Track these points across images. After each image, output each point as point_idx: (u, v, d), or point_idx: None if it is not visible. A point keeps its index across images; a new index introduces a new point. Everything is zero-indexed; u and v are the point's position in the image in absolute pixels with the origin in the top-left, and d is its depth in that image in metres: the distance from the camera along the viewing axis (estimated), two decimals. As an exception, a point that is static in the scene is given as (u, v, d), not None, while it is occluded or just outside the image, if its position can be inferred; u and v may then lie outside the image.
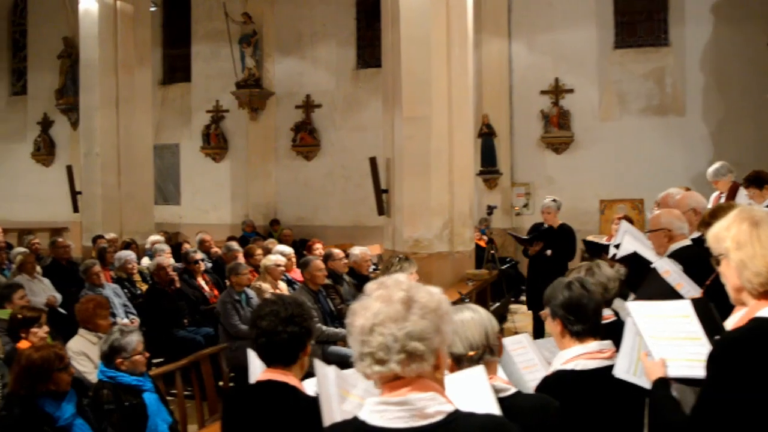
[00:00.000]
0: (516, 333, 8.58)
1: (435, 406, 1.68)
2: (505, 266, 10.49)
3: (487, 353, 2.53)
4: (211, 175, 16.93)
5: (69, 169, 13.86)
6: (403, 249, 9.43)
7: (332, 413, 2.25)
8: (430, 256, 9.37)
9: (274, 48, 16.40)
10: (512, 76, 14.63)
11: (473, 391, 2.18)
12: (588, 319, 2.83)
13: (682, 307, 2.72)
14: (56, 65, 17.51)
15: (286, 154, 16.46)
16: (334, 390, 2.32)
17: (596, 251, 7.42)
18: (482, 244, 11.59)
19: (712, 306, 2.73)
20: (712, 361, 2.15)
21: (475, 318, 2.54)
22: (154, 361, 7.53)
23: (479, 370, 2.28)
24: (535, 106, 14.38)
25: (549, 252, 8.52)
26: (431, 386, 1.72)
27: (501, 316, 7.56)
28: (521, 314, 10.78)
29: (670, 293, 3.67)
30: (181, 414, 5.36)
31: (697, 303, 2.70)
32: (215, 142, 16.85)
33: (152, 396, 4.44)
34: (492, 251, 10.46)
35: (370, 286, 1.77)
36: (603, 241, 8.04)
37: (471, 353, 2.49)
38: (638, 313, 2.73)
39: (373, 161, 10.26)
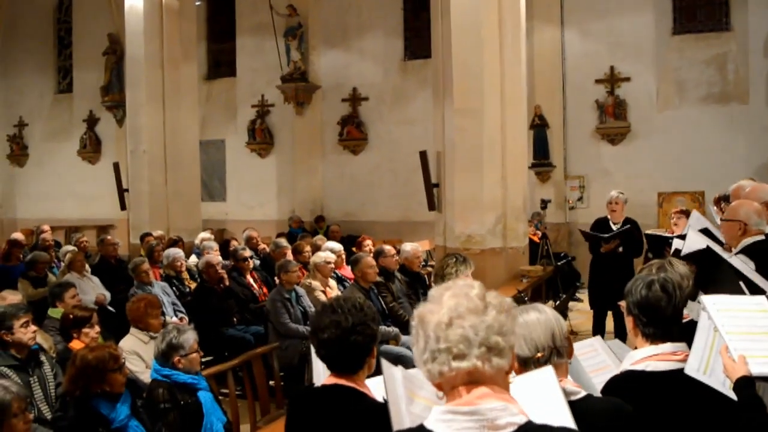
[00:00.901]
0: (573, 332, 8.49)
1: (507, 417, 1.62)
2: (561, 262, 10.32)
3: (555, 355, 2.46)
4: (257, 171, 17.05)
5: (116, 166, 14.09)
6: (454, 245, 9.37)
7: (400, 416, 2.20)
8: (482, 252, 9.29)
9: (319, 40, 16.43)
10: (565, 64, 14.39)
11: (543, 394, 2.11)
12: (661, 324, 2.72)
13: (759, 301, 2.63)
14: (101, 62, 17.83)
15: (333, 149, 16.49)
16: (402, 391, 2.27)
17: (659, 245, 7.25)
18: (536, 239, 11.44)
19: None
20: None
21: (541, 319, 2.48)
22: (203, 360, 7.63)
23: (549, 370, 2.20)
24: (590, 96, 14.12)
25: (621, 249, 8.26)
26: (503, 395, 1.67)
27: (562, 314, 7.40)
28: (576, 312, 10.60)
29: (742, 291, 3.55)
30: (234, 414, 5.38)
31: None
32: (261, 138, 16.95)
33: (207, 395, 4.47)
34: (546, 246, 10.30)
35: (436, 290, 1.75)
36: (665, 234, 7.85)
37: (538, 355, 2.43)
38: (713, 307, 2.65)
39: (423, 155, 10.21)
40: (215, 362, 6.54)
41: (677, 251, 5.38)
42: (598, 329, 8.03)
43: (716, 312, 2.64)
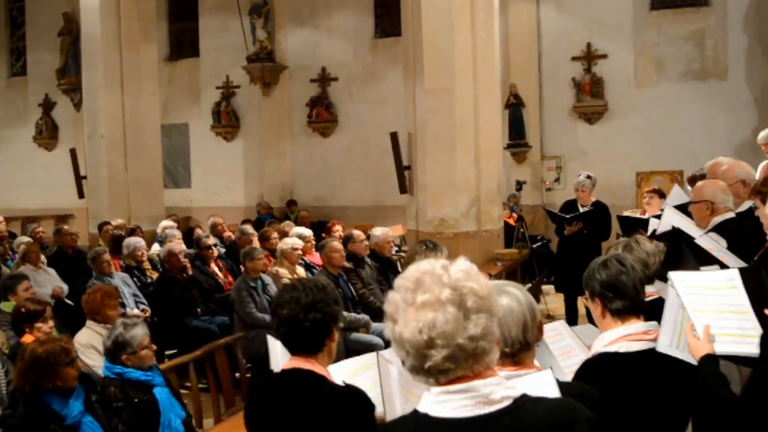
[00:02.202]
0: (549, 315, 8.57)
1: (501, 391, 1.65)
2: (536, 245, 10.38)
3: (524, 350, 2.38)
4: (223, 156, 16.92)
5: (73, 152, 13.91)
6: (427, 229, 9.40)
7: (394, 411, 2.21)
8: (456, 236, 9.33)
9: (286, 18, 16.27)
10: (541, 42, 14.41)
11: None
12: (627, 296, 2.76)
13: (729, 276, 2.65)
14: (57, 43, 17.51)
15: (302, 131, 16.41)
16: (397, 388, 2.27)
17: (631, 227, 7.31)
18: (511, 222, 11.49)
19: (764, 274, 2.65)
20: (763, 340, 2.09)
21: (512, 306, 2.37)
22: (167, 353, 7.61)
23: (548, 374, 2.16)
24: (566, 74, 14.17)
25: (585, 231, 8.36)
26: (493, 371, 1.69)
27: (534, 298, 7.47)
28: (554, 295, 10.69)
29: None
30: (196, 408, 5.37)
31: (745, 273, 2.62)
32: (226, 120, 16.81)
33: (163, 391, 4.43)
34: (522, 229, 10.36)
35: (404, 285, 1.67)
36: (638, 215, 7.93)
37: (506, 350, 2.32)
38: (681, 283, 2.68)
39: (394, 137, 10.20)
40: (180, 355, 6.50)
41: (653, 233, 5.46)
42: (570, 313, 8.11)
43: (683, 289, 2.66)
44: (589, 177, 8.60)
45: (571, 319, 8.02)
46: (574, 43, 14.08)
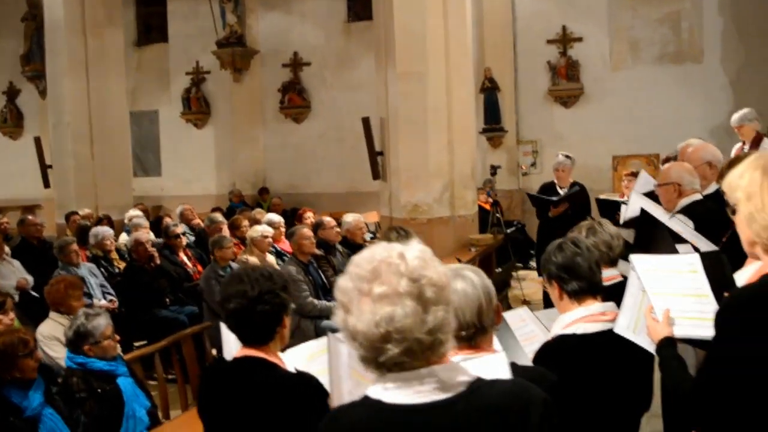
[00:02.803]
0: (525, 301, 8.62)
1: (456, 376, 1.64)
2: (511, 230, 10.44)
3: (479, 333, 2.39)
4: (194, 143, 16.83)
5: (37, 141, 13.75)
6: (400, 215, 9.42)
7: (341, 396, 2.20)
8: (430, 222, 9.37)
9: (257, 2, 16.19)
10: (516, 25, 14.45)
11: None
12: (583, 277, 2.82)
13: (689, 260, 2.67)
14: (20, 29, 17.28)
15: (274, 117, 16.36)
16: (346, 370, 2.25)
17: (610, 210, 7.37)
18: (487, 207, 11.53)
19: (725, 259, 2.69)
20: (720, 318, 2.12)
21: (468, 292, 2.37)
22: (136, 344, 7.57)
23: (501, 356, 2.16)
24: (542, 57, 14.24)
25: (569, 212, 8.38)
26: (447, 358, 1.68)
27: (504, 282, 7.53)
28: (530, 280, 10.76)
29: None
30: (162, 399, 5.35)
31: (706, 257, 2.65)
32: (196, 107, 16.72)
33: (127, 381, 4.42)
34: (497, 214, 10.41)
35: (358, 273, 1.62)
36: (617, 198, 8.00)
37: (462, 333, 2.33)
38: (642, 266, 2.70)
39: (366, 122, 10.19)
40: (148, 346, 6.48)
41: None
42: (548, 296, 8.15)
43: (644, 272, 2.69)
44: (568, 157, 8.64)
45: (549, 303, 8.04)
46: (549, 26, 14.15)
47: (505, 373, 2.02)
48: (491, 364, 2.07)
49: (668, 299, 2.59)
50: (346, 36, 15.78)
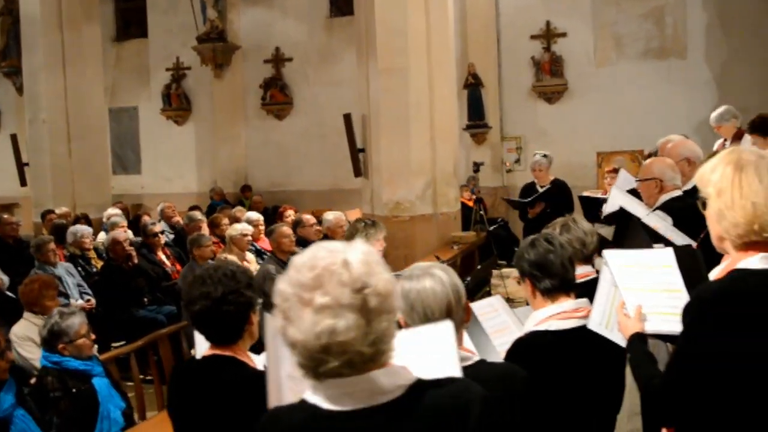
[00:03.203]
0: (509, 299, 8.65)
1: (395, 380, 1.62)
2: (494, 227, 10.46)
3: None
4: (174, 140, 16.75)
5: (13, 138, 13.67)
6: (382, 212, 9.43)
7: (279, 379, 2.18)
8: (412, 219, 9.38)
9: (238, -4, 16.15)
10: (499, 20, 14.47)
11: (436, 350, 2.10)
12: (556, 275, 2.84)
13: (663, 256, 2.68)
14: (-3, 24, 17.17)
15: (256, 114, 16.31)
16: (285, 351, 2.21)
17: (592, 207, 7.41)
18: (470, 204, 11.56)
19: (699, 254, 2.71)
20: (686, 314, 2.15)
21: (436, 289, 2.40)
22: (114, 344, 7.55)
23: (447, 326, 2.13)
24: (525, 53, 14.26)
25: (549, 210, 8.43)
26: (388, 363, 1.66)
27: (483, 280, 7.55)
28: (513, 278, 10.78)
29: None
30: (139, 400, 5.35)
31: (680, 251, 2.67)
32: (177, 104, 16.63)
33: (103, 381, 4.42)
34: (480, 212, 10.43)
35: (299, 280, 1.57)
36: (599, 195, 8.04)
37: None
38: (614, 262, 2.71)
39: (347, 118, 10.19)
40: (125, 346, 6.46)
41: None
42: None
43: (617, 267, 2.70)
44: (545, 156, 8.71)
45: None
46: (533, 22, 14.18)
47: (450, 342, 2.03)
48: (435, 332, 2.08)
49: (640, 295, 2.60)
50: (328, 31, 15.75)
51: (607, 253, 2.78)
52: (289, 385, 2.02)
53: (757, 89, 12.22)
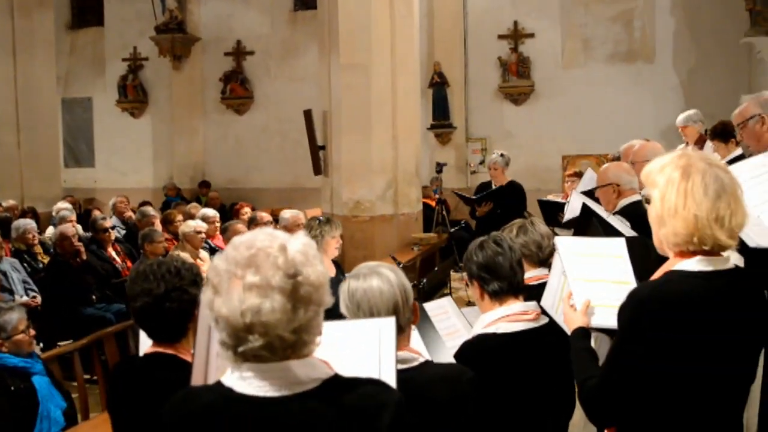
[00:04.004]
0: (469, 303, 8.71)
1: (311, 372, 1.67)
2: (455, 228, 10.53)
3: (398, 331, 2.42)
4: (130, 133, 16.61)
5: (-40, 127, 13.43)
6: (342, 212, 9.43)
7: (209, 376, 2.18)
8: (372, 219, 9.41)
9: (198, -14, 16.06)
10: (467, 19, 14.57)
11: (373, 343, 2.13)
12: (504, 277, 2.87)
13: (615, 245, 2.68)
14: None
15: (215, 108, 16.23)
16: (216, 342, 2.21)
17: (552, 212, 7.50)
18: (433, 204, 11.60)
19: (651, 244, 2.74)
20: (622, 313, 2.19)
21: (384, 289, 2.43)
22: (60, 344, 7.44)
23: (389, 322, 2.18)
24: (492, 53, 14.38)
25: (499, 211, 8.53)
26: (309, 356, 1.70)
27: (441, 282, 7.60)
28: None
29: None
30: (82, 400, 5.28)
31: (632, 242, 2.69)
32: (133, 95, 16.51)
33: (43, 379, 4.38)
34: (442, 213, 10.48)
35: (234, 257, 1.63)
36: (560, 199, 8.13)
37: None
38: (566, 249, 2.71)
39: (308, 114, 10.17)
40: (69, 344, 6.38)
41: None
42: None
43: (567, 255, 2.68)
44: (502, 155, 8.79)
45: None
46: (501, 21, 14.30)
47: (390, 337, 2.07)
48: (376, 326, 2.12)
49: (589, 285, 2.58)
50: (291, 25, 15.72)
51: (558, 240, 2.79)
52: (215, 376, 2.03)
53: (723, 96, 12.40)
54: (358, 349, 2.09)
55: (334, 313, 2.35)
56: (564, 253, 2.69)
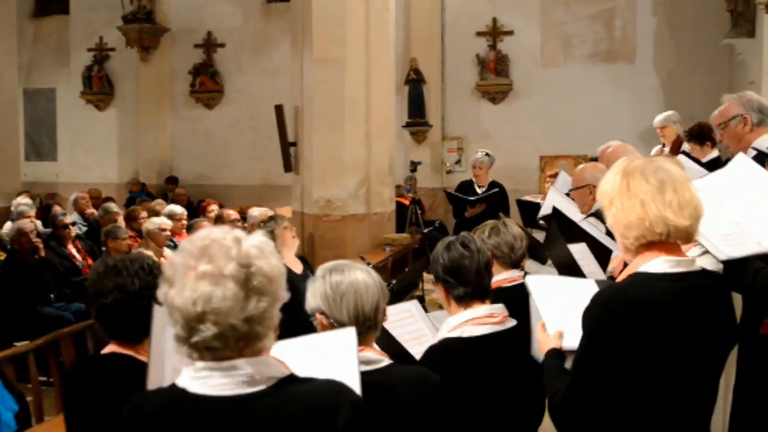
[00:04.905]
0: (441, 306, 8.72)
1: (266, 371, 1.68)
2: (429, 229, 10.51)
3: (372, 330, 2.49)
4: (94, 126, 16.47)
5: None
6: (312, 211, 9.41)
7: (162, 372, 2.16)
8: (343, 219, 9.37)
9: (168, -26, 15.94)
10: (444, 14, 14.61)
11: (336, 354, 2.15)
12: (470, 282, 2.85)
13: (586, 287, 2.72)
14: None
15: (184, 102, 16.15)
16: (172, 344, 2.19)
17: (530, 212, 7.52)
18: (407, 204, 11.59)
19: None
20: (586, 317, 2.22)
21: (368, 282, 2.45)
22: (18, 344, 7.34)
23: (349, 333, 2.22)
24: (470, 50, 14.42)
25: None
26: (265, 353, 1.72)
27: (411, 283, 7.59)
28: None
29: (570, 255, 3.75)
30: (37, 404, 5.21)
31: (602, 284, 2.73)
32: (99, 87, 16.37)
33: (-7, 382, 4.30)
34: (416, 213, 10.46)
35: (188, 249, 1.67)
36: (539, 200, 8.15)
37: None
38: (537, 289, 2.74)
39: (279, 109, 10.11)
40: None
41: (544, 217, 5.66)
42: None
43: (539, 294, 2.72)
44: (487, 155, 8.80)
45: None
46: (479, 18, 14.35)
47: (352, 347, 2.11)
48: (338, 338, 2.16)
49: (561, 315, 2.63)
50: (264, 17, 15.66)
51: (529, 280, 2.81)
52: (172, 378, 2.01)
53: (703, 98, 12.52)
54: (319, 363, 2.09)
55: (299, 309, 2.34)
56: (536, 293, 2.72)
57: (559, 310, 2.65)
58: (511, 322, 2.93)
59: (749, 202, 2.99)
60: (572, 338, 2.54)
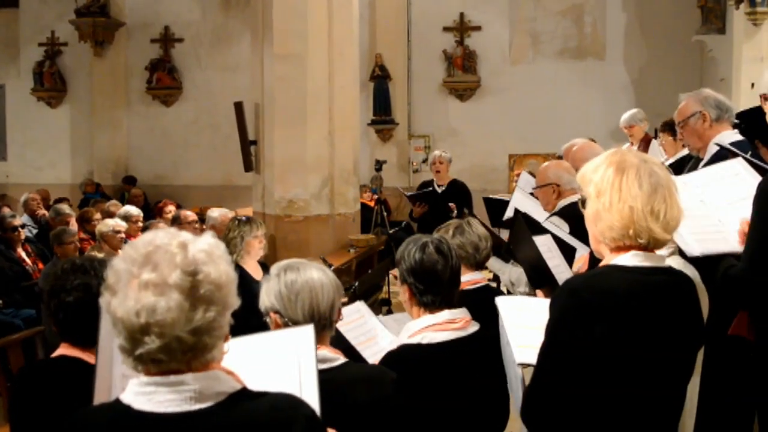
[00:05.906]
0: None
1: (216, 386, 1.65)
2: (394, 230, 10.54)
3: (327, 329, 2.51)
4: (46, 124, 16.32)
5: None
6: (274, 211, 9.38)
7: (111, 379, 2.14)
8: (306, 220, 9.34)
9: (122, -34, 15.83)
10: (410, 9, 14.68)
11: (293, 352, 2.15)
12: (441, 291, 2.83)
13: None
14: None
15: (140, 99, 16.03)
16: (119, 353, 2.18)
17: (497, 210, 7.57)
18: (371, 204, 11.61)
19: None
20: (554, 302, 2.27)
21: (324, 281, 2.47)
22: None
23: (307, 330, 2.19)
24: (437, 46, 14.50)
25: (454, 213, 8.58)
26: (215, 366, 1.69)
27: (376, 285, 7.62)
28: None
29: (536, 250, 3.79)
30: (-18, 413, 5.14)
31: None
32: (50, 83, 16.23)
33: (-64, 391, 4.24)
34: (382, 213, 10.49)
35: (131, 255, 1.63)
36: (505, 198, 8.22)
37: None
38: (506, 309, 2.77)
39: (238, 106, 10.07)
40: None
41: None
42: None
43: (507, 312, 2.75)
44: (445, 152, 8.96)
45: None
46: (447, 13, 14.44)
47: (310, 345, 2.10)
48: (296, 336, 2.15)
49: (526, 331, 2.66)
50: (224, 11, 15.60)
51: (499, 301, 2.83)
52: (122, 385, 2.00)
53: (674, 95, 12.68)
54: (277, 362, 2.09)
55: (253, 311, 2.35)
56: (504, 312, 2.74)
57: (527, 328, 2.67)
58: (474, 327, 2.92)
59: (731, 202, 3.06)
60: (524, 352, 2.58)
